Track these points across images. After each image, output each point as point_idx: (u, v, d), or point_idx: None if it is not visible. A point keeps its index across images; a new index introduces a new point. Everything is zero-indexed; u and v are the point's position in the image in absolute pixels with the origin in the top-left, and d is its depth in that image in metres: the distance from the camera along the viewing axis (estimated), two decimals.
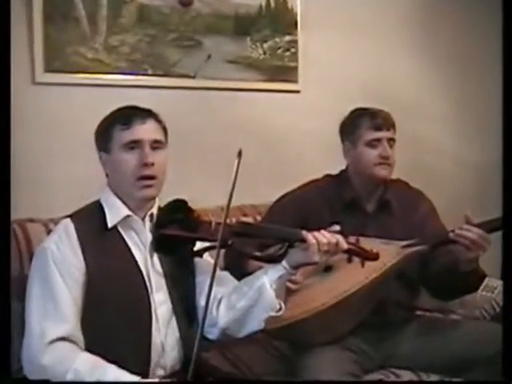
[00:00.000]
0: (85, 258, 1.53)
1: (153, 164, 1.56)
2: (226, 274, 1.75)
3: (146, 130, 1.58)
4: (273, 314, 1.61)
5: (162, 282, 1.62)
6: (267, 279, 1.61)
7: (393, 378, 1.96)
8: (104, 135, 1.61)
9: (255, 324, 1.62)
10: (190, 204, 1.68)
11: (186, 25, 2.40)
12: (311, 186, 2.11)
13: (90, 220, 1.59)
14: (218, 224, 1.55)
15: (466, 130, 3.09)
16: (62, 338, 1.47)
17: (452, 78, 3.02)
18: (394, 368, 1.99)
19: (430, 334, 2.02)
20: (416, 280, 2.04)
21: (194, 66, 2.42)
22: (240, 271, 1.78)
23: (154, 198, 1.64)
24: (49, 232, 1.94)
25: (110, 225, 1.58)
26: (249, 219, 2.26)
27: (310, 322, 1.76)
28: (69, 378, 1.42)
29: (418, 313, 2.18)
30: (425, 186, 2.19)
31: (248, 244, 1.67)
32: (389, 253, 1.84)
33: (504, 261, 1.65)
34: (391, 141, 2.01)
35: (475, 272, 1.87)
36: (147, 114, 1.62)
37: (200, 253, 1.67)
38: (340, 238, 1.61)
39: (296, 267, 1.64)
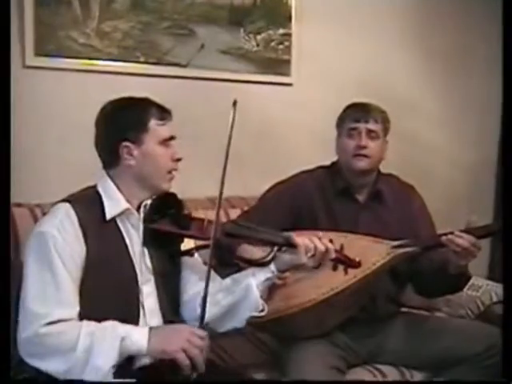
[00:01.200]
0: (86, 244, 1.52)
1: (180, 159, 1.66)
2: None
3: (172, 127, 1.67)
4: (255, 314, 1.64)
5: (151, 274, 1.63)
6: (254, 281, 1.64)
7: (376, 374, 1.97)
8: (137, 126, 1.60)
9: (237, 322, 1.67)
10: (181, 194, 1.68)
11: (180, 13, 2.38)
12: (304, 175, 2.12)
13: (89, 208, 1.57)
14: (210, 222, 1.58)
15: (462, 131, 3.10)
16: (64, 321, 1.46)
17: (449, 77, 3.02)
18: (378, 364, 2.00)
19: (415, 330, 2.03)
20: (403, 274, 2.05)
21: (187, 55, 2.41)
22: (226, 270, 1.77)
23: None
24: (34, 217, 1.93)
25: (108, 217, 1.57)
26: (237, 211, 2.25)
27: (297, 316, 1.76)
28: (81, 342, 1.41)
29: (404, 310, 2.19)
30: (419, 186, 2.19)
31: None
32: (379, 252, 1.84)
33: (504, 262, 1.65)
34: (372, 133, 2.02)
35: (463, 274, 1.89)
36: (169, 111, 1.67)
37: (190, 252, 1.69)
38: (330, 246, 1.67)
39: (284, 271, 1.69)
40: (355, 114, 2.04)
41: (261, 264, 1.67)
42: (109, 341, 1.43)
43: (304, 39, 2.64)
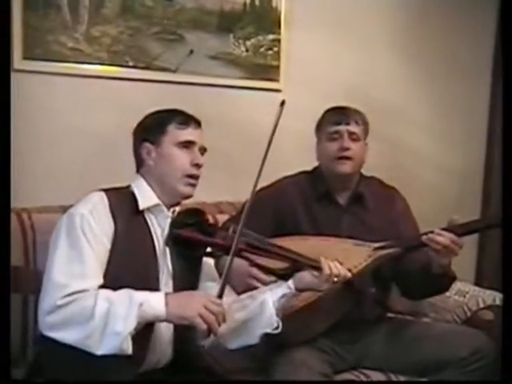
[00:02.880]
0: (115, 230, 1.57)
1: (201, 166, 1.69)
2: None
3: (199, 135, 1.73)
4: (269, 331, 1.63)
5: (170, 278, 1.65)
6: (271, 297, 1.65)
7: (363, 379, 1.97)
8: (156, 129, 1.68)
9: (250, 338, 1.66)
10: None
11: (169, 18, 2.38)
12: (286, 181, 2.14)
13: (122, 199, 1.63)
14: (234, 232, 1.62)
15: (449, 136, 3.11)
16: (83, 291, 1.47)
17: (435, 83, 3.03)
18: (365, 369, 2.00)
19: (401, 335, 2.03)
20: (387, 277, 2.05)
21: (176, 61, 2.41)
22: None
23: (189, 197, 1.71)
24: (21, 221, 1.91)
25: (141, 207, 1.63)
26: (225, 216, 2.25)
27: (284, 322, 1.75)
28: (99, 309, 1.42)
29: (390, 315, 2.20)
30: (405, 191, 2.21)
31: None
32: (361, 255, 1.85)
33: (504, 262, 1.66)
34: (353, 135, 2.03)
35: (446, 274, 1.89)
36: (199, 122, 1.74)
37: (213, 254, 1.73)
38: (347, 273, 1.71)
39: (301, 290, 1.70)
40: (335, 117, 2.05)
41: (281, 275, 1.70)
42: (126, 306, 1.44)
43: (293, 45, 2.64)
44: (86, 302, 1.44)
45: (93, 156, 2.26)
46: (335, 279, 1.67)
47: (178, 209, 1.70)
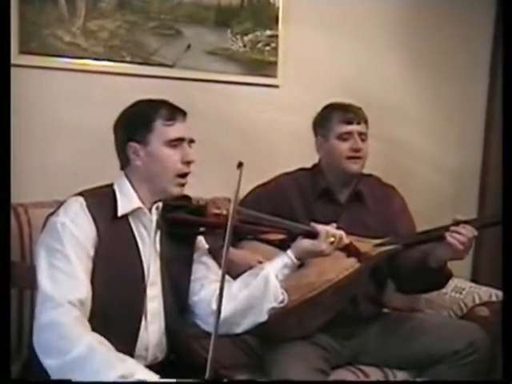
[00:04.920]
0: (98, 236, 1.52)
1: (192, 161, 1.60)
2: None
3: (186, 129, 1.62)
4: (276, 305, 1.61)
5: (158, 276, 1.62)
6: (272, 269, 1.63)
7: (359, 375, 1.97)
8: (142, 127, 1.58)
9: (258, 316, 1.62)
10: None
11: (167, 13, 2.37)
12: (284, 177, 2.13)
13: (102, 203, 1.57)
14: (226, 215, 1.59)
15: (446, 135, 3.11)
16: (80, 302, 1.44)
17: (434, 82, 3.03)
18: (361, 365, 2.01)
19: (396, 330, 2.03)
20: (383, 273, 2.06)
21: (173, 56, 2.40)
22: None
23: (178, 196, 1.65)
24: (17, 216, 1.92)
25: (120, 213, 1.56)
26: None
27: (280, 317, 1.75)
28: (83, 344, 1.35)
29: (386, 311, 2.20)
30: (403, 189, 2.21)
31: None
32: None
33: (504, 262, 1.66)
34: (362, 135, 2.03)
35: (443, 270, 1.89)
36: (184, 112, 1.63)
37: (207, 233, 1.70)
38: (343, 233, 1.70)
39: (301, 258, 1.68)
40: (346, 117, 2.02)
41: (281, 242, 1.68)
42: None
43: (291, 41, 2.64)
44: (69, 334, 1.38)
45: (89, 151, 2.25)
46: (332, 239, 1.66)
47: (161, 204, 1.63)
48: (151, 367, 1.58)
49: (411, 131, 3.00)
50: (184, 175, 1.60)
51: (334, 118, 2.04)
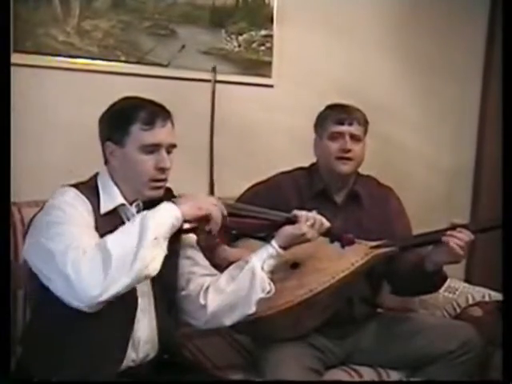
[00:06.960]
0: (96, 223, 1.50)
1: (168, 169, 1.56)
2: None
3: (165, 134, 1.56)
4: (263, 295, 1.61)
5: None
6: (257, 260, 1.63)
7: (353, 375, 1.98)
8: (119, 128, 1.55)
9: (246, 308, 1.62)
10: None
11: (161, 13, 2.37)
12: (282, 176, 2.13)
13: (92, 196, 1.56)
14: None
15: (439, 135, 3.13)
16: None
17: (427, 82, 3.04)
18: (355, 365, 2.01)
19: (390, 330, 2.04)
20: (379, 275, 2.06)
21: (168, 55, 2.39)
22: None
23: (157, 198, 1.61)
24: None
25: (102, 211, 1.55)
26: None
27: (274, 318, 1.75)
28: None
29: (380, 311, 2.20)
30: (397, 189, 2.20)
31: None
32: (357, 253, 1.85)
33: (504, 262, 1.67)
34: (355, 136, 2.02)
35: (438, 273, 1.90)
36: (167, 115, 1.58)
37: (191, 231, 1.66)
38: (322, 217, 1.72)
39: (285, 246, 1.68)
40: (338, 117, 2.02)
41: (264, 233, 1.69)
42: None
43: (285, 41, 2.64)
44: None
45: (83, 150, 2.23)
46: (311, 221, 1.68)
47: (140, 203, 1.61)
48: (142, 365, 1.58)
49: (405, 131, 3.01)
50: (159, 180, 1.57)
51: (329, 117, 2.05)
